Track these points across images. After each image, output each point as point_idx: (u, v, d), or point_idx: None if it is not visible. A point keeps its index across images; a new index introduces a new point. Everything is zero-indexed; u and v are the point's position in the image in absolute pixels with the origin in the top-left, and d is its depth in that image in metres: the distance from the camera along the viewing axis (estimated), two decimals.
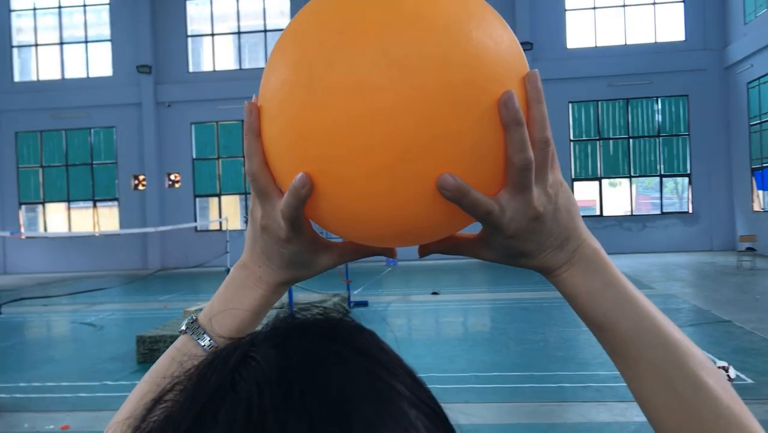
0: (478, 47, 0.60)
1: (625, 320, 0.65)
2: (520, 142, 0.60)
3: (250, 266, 0.73)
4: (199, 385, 0.43)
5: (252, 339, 0.46)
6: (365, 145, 0.58)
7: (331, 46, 0.60)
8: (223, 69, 24.62)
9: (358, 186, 0.60)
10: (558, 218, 0.65)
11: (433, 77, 0.57)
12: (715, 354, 7.28)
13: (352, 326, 0.47)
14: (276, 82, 0.64)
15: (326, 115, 0.59)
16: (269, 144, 0.65)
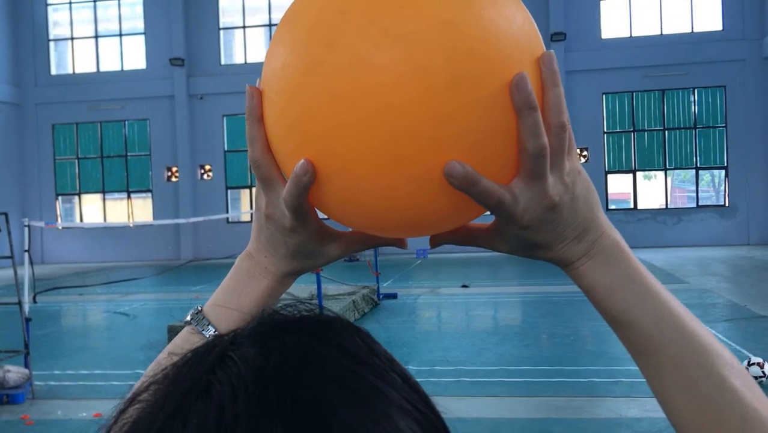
0: (488, 26, 0.56)
1: (645, 315, 0.62)
2: (533, 127, 0.56)
3: (256, 255, 0.71)
4: (174, 385, 0.40)
5: (233, 337, 0.43)
6: (364, 124, 0.56)
7: (331, 27, 0.57)
8: (255, 61, 24.73)
9: (361, 170, 0.58)
10: (575, 208, 0.62)
11: (435, 54, 0.54)
12: (751, 350, 7.13)
13: (341, 325, 0.44)
14: (276, 65, 0.62)
15: (325, 94, 0.56)
16: (270, 129, 0.63)
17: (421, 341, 8.33)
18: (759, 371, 5.96)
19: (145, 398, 0.41)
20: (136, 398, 0.42)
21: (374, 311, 10.82)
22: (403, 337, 8.60)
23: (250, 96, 0.64)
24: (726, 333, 8.31)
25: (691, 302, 10.71)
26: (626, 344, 0.65)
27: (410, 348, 7.88)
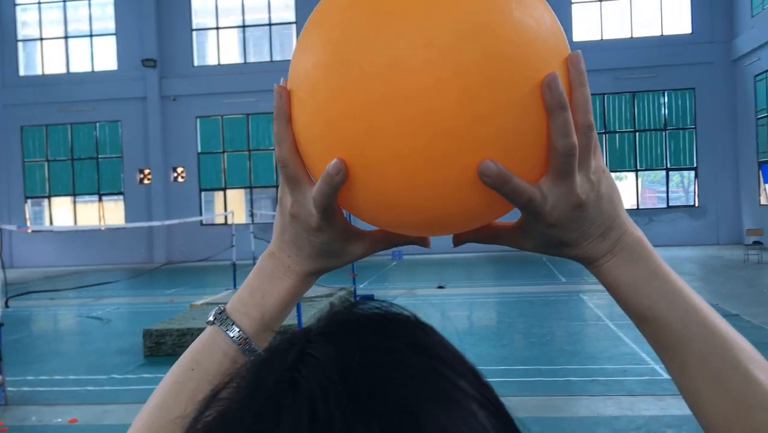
0: (519, 26, 0.57)
1: (670, 311, 0.63)
2: (563, 126, 0.57)
3: (279, 255, 0.70)
4: (257, 383, 0.40)
5: (306, 334, 0.43)
6: (400, 126, 0.56)
7: (365, 26, 0.57)
8: (228, 63, 24.60)
9: (394, 172, 0.58)
10: (600, 206, 0.63)
11: (471, 56, 0.55)
12: None
13: (413, 322, 0.44)
14: (307, 63, 0.61)
15: (360, 96, 0.57)
16: (300, 129, 0.63)
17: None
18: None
19: (225, 396, 0.41)
20: (215, 396, 0.41)
21: None
22: None
23: (278, 95, 0.64)
24: None
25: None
26: (651, 340, 0.65)
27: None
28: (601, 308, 10.60)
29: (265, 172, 24.40)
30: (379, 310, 0.45)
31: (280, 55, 24.60)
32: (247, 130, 24.38)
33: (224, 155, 24.51)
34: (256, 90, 23.81)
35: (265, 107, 23.98)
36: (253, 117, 24.25)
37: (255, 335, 0.69)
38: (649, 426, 5.20)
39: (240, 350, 0.68)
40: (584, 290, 12.65)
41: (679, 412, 5.47)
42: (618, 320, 9.55)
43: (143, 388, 6.84)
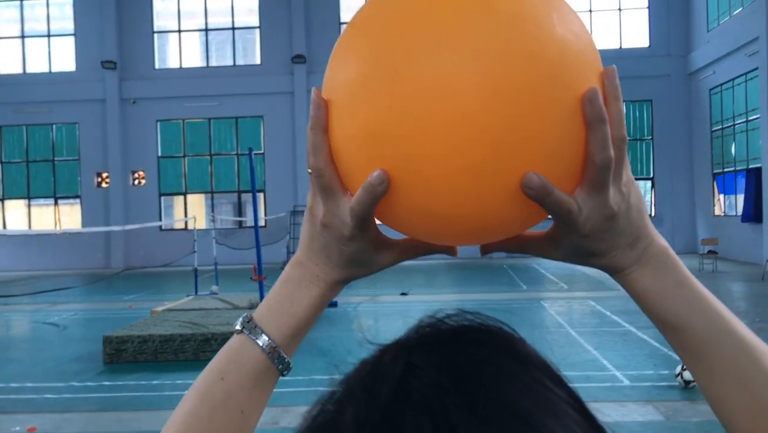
0: (562, 42, 0.59)
1: (698, 319, 0.64)
2: (602, 140, 0.59)
3: (307, 263, 0.70)
4: (369, 394, 0.41)
5: (405, 345, 0.44)
6: (449, 145, 0.57)
7: (413, 41, 0.58)
8: (190, 66, 24.34)
9: (439, 185, 0.59)
10: (630, 217, 0.64)
11: (519, 74, 0.56)
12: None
13: (507, 333, 0.46)
14: (349, 75, 0.61)
15: (408, 113, 0.57)
16: (337, 139, 0.63)
17: (364, 350, 8.20)
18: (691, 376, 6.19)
19: (331, 409, 0.42)
20: (323, 408, 0.42)
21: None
22: (346, 346, 8.57)
23: (316, 105, 0.63)
24: (658, 339, 8.61)
25: (621, 308, 11.06)
26: (678, 347, 0.67)
27: (354, 358, 7.72)
28: (562, 315, 10.75)
29: (227, 177, 24.18)
30: (471, 322, 0.47)
31: (243, 60, 24.44)
32: (208, 134, 24.14)
33: (185, 159, 24.22)
34: (219, 94, 23.61)
35: (227, 112, 23.79)
36: (215, 121, 24.03)
37: (283, 343, 0.69)
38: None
39: (269, 359, 0.68)
40: (545, 298, 12.82)
41: (641, 418, 5.58)
42: (579, 327, 9.70)
43: (103, 396, 6.71)
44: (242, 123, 24.02)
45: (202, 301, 11.23)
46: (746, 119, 19.01)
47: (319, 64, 23.44)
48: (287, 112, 23.50)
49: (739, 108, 19.49)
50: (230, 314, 9.56)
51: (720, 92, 20.67)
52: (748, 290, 13.57)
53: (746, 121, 19.02)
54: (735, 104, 19.74)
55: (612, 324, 9.83)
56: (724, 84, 20.24)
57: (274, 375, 0.70)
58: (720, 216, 20.96)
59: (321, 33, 23.53)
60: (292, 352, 0.71)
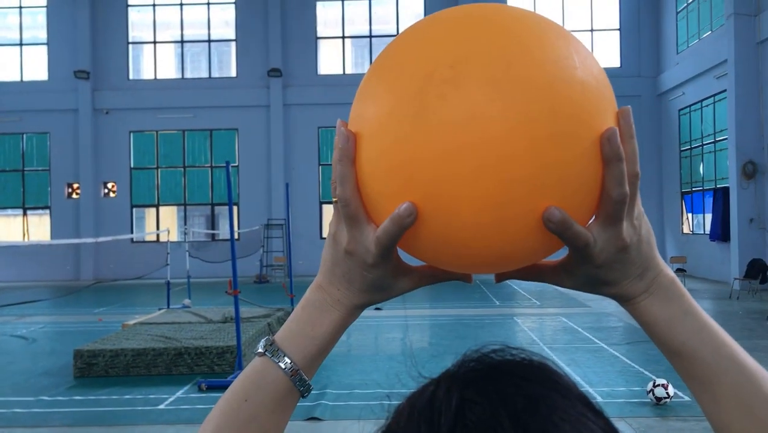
0: (583, 84, 0.62)
1: (704, 347, 0.68)
2: (619, 176, 0.63)
3: (328, 288, 0.73)
4: (431, 426, 0.44)
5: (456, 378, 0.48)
6: (474, 176, 0.60)
7: (442, 80, 0.61)
8: (165, 78, 24.20)
9: (463, 215, 0.62)
10: (641, 248, 0.68)
11: (543, 112, 0.60)
12: (654, 372, 7.51)
13: (550, 367, 0.50)
14: (379, 110, 0.64)
15: (437, 147, 0.60)
16: (365, 170, 0.66)
17: (338, 363, 8.31)
18: (663, 393, 6.28)
19: None
20: None
21: None
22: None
23: (345, 138, 0.66)
24: (629, 355, 8.72)
25: (593, 325, 11.18)
26: (684, 374, 0.70)
27: (329, 371, 7.84)
28: (535, 331, 10.83)
29: (200, 189, 24.02)
30: (515, 356, 0.50)
31: (218, 72, 24.37)
32: (182, 146, 23.98)
33: (158, 171, 24.02)
34: (193, 106, 23.50)
35: (201, 124, 23.67)
36: (189, 133, 23.89)
37: (305, 366, 0.72)
38: None
39: (291, 381, 0.71)
40: (518, 313, 12.90)
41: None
42: (551, 343, 9.77)
43: (74, 410, 6.60)
44: (217, 135, 23.91)
45: (175, 314, 11.11)
46: (714, 140, 19.40)
47: (295, 78, 23.46)
48: (262, 126, 23.45)
49: (707, 129, 19.89)
50: (203, 328, 9.47)
51: (689, 113, 21.07)
52: (716, 307, 13.79)
53: (714, 142, 19.41)
54: (703, 125, 20.14)
55: (584, 340, 9.93)
56: (692, 105, 20.64)
57: (296, 397, 0.72)
58: (688, 234, 21.31)
59: (297, 47, 23.57)
60: (312, 374, 0.73)
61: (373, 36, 23.81)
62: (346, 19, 24.05)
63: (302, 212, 22.07)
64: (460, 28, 0.63)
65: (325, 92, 22.78)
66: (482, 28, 0.63)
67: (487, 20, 0.64)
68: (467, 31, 0.63)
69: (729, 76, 17.30)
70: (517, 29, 0.63)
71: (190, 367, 8.06)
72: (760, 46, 16.75)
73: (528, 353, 0.52)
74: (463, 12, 0.65)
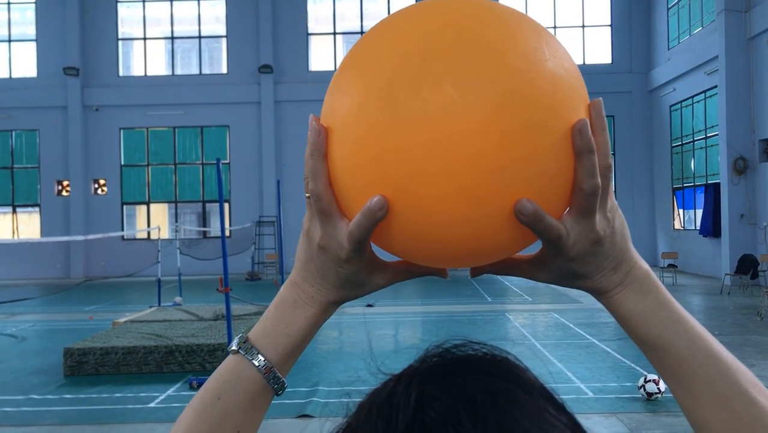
0: (554, 76, 0.62)
1: (678, 340, 0.67)
2: (590, 168, 0.62)
3: (302, 285, 0.72)
4: (388, 423, 0.43)
5: (416, 375, 0.47)
6: (445, 169, 0.59)
7: (414, 73, 0.60)
8: (155, 74, 24.09)
9: (436, 208, 0.61)
10: (614, 241, 0.68)
11: (515, 104, 0.59)
12: (645, 368, 7.53)
13: (512, 362, 0.49)
14: (350, 104, 0.64)
15: (408, 140, 0.60)
16: (337, 164, 0.65)
17: (330, 361, 8.29)
18: (655, 388, 6.29)
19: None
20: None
21: None
22: (311, 357, 8.53)
23: (316, 132, 0.65)
24: (620, 351, 8.74)
25: (584, 321, 11.21)
26: (659, 367, 0.70)
27: (320, 369, 7.82)
28: (527, 328, 10.85)
29: (191, 186, 23.95)
30: (477, 351, 0.50)
31: (209, 69, 24.29)
32: (173, 143, 23.89)
33: (149, 168, 23.93)
34: (184, 103, 23.41)
35: (192, 121, 23.59)
36: (180, 130, 23.81)
37: (279, 363, 0.71)
38: None
39: (264, 379, 0.70)
40: (510, 310, 12.91)
41: (605, 430, 5.64)
42: (543, 339, 9.79)
43: (64, 409, 6.57)
44: (208, 132, 23.84)
45: (166, 312, 11.08)
46: (705, 136, 19.47)
47: (286, 75, 23.41)
48: (254, 122, 23.39)
49: (698, 125, 19.96)
50: (194, 326, 9.44)
51: (680, 109, 21.15)
52: (707, 303, 13.86)
53: (705, 138, 19.48)
54: (694, 121, 20.21)
55: (575, 336, 9.95)
56: (684, 101, 20.72)
57: (270, 395, 0.71)
58: (680, 230, 21.39)
59: (288, 43, 23.52)
60: (287, 372, 0.72)
61: (364, 32, 23.71)
62: (337, 15, 24.00)
63: (294, 209, 22.03)
64: (432, 21, 0.63)
65: (316, 89, 22.73)
66: (453, 21, 0.63)
67: (459, 12, 0.64)
68: (439, 23, 0.63)
69: (720, 72, 17.36)
70: (487, 21, 0.63)
71: (181, 365, 8.02)
72: (750, 42, 16.81)
73: (489, 347, 0.51)
74: (435, 4, 0.65)
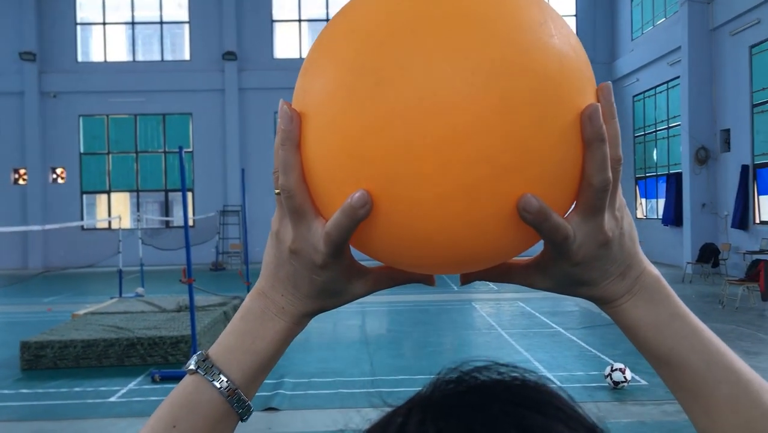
0: (561, 54, 0.54)
1: (695, 354, 0.60)
2: (601, 160, 0.54)
3: (271, 294, 0.62)
4: None
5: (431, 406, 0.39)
6: (440, 164, 0.50)
7: (403, 48, 0.51)
8: (115, 60, 23.56)
9: (427, 207, 0.52)
10: (623, 244, 0.60)
11: (519, 87, 0.51)
12: (611, 356, 7.57)
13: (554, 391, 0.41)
14: (327, 85, 0.54)
15: (396, 127, 0.50)
16: (312, 157, 0.56)
17: (296, 352, 8.18)
18: (621, 377, 6.32)
19: None
20: None
21: None
22: None
23: (288, 118, 0.56)
24: (586, 339, 8.79)
25: (550, 309, 11.27)
26: (672, 384, 0.62)
27: (287, 360, 7.71)
28: (493, 317, 10.87)
29: (153, 175, 23.52)
30: (504, 376, 0.42)
31: (171, 55, 23.83)
32: (134, 131, 23.42)
33: (109, 156, 23.44)
34: (145, 90, 22.95)
35: (154, 108, 23.15)
36: (142, 117, 23.34)
37: (244, 384, 0.61)
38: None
39: (228, 402, 0.60)
40: (476, 299, 12.94)
41: None
42: (509, 328, 9.82)
43: (21, 404, 6.37)
44: (170, 120, 23.42)
45: (127, 303, 10.84)
46: (668, 126, 19.72)
47: (250, 62, 23.09)
48: (217, 110, 23.03)
49: (660, 115, 20.21)
50: (157, 318, 9.25)
51: (643, 99, 21.38)
52: None
53: (668, 128, 19.73)
54: (657, 111, 20.45)
55: (541, 325, 10.00)
56: (647, 91, 20.94)
57: (234, 421, 0.62)
58: (642, 219, 21.68)
59: (253, 30, 23.19)
60: (253, 394, 0.63)
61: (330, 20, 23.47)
62: (302, 1, 23.72)
63: (259, 198, 21.78)
64: None
65: (281, 76, 22.45)
66: None
67: None
68: None
69: (682, 63, 17.56)
70: None
71: (143, 358, 7.84)
72: (713, 33, 17.02)
73: (521, 370, 0.42)
74: None
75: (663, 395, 6.20)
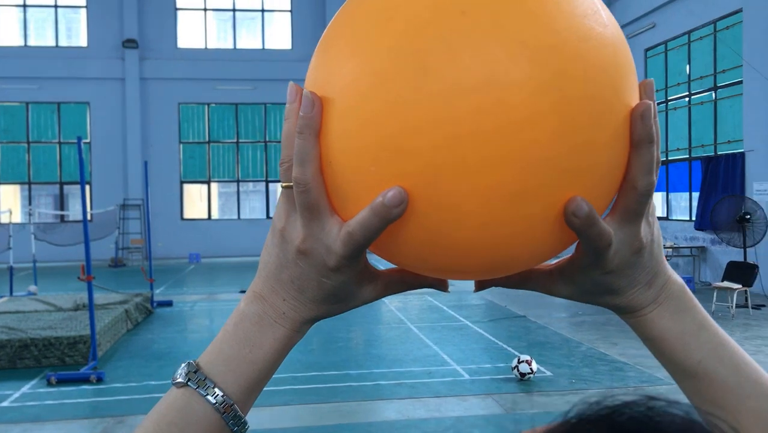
0: (614, 46, 0.50)
1: (723, 367, 0.57)
2: (649, 163, 0.51)
3: (270, 298, 0.56)
4: None
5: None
6: (487, 159, 0.46)
7: (450, 30, 0.46)
8: (5, 45, 22.20)
9: (470, 208, 0.48)
10: (653, 251, 0.57)
11: (575, 78, 0.47)
12: (517, 348, 7.77)
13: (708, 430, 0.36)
14: (358, 69, 0.48)
15: (441, 113, 0.45)
16: (333, 148, 0.50)
17: (202, 351, 7.95)
18: (527, 368, 6.48)
19: None
20: None
21: (148, 321, 10.18)
22: (182, 348, 8.16)
23: (310, 103, 0.50)
24: (492, 332, 8.99)
25: (456, 303, 11.47)
26: (697, 398, 0.59)
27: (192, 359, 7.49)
28: (402, 311, 10.95)
29: (47, 166, 22.33)
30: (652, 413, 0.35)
31: (66, 41, 22.67)
32: (26, 119, 22.16)
33: None
34: (38, 77, 21.73)
35: (48, 96, 21.98)
36: (34, 106, 22.11)
37: (240, 398, 0.55)
38: (456, 427, 5.39)
39: (222, 419, 0.54)
40: None
41: (482, 412, 5.75)
42: (418, 322, 9.92)
43: None
44: (65, 109, 22.29)
45: (19, 302, 10.25)
46: None
47: (153, 51, 22.30)
48: (117, 100, 22.11)
49: None
50: (52, 317, 8.78)
51: None
52: None
53: None
54: None
55: (449, 319, 10.15)
56: None
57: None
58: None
59: (155, 17, 22.39)
60: (248, 408, 0.56)
61: (237, 9, 22.98)
62: None
63: (161, 192, 21.10)
64: None
65: (185, 67, 21.81)
66: None
67: None
68: None
69: None
70: None
71: (38, 359, 7.43)
72: None
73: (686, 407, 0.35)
74: None
75: (567, 385, 6.42)
